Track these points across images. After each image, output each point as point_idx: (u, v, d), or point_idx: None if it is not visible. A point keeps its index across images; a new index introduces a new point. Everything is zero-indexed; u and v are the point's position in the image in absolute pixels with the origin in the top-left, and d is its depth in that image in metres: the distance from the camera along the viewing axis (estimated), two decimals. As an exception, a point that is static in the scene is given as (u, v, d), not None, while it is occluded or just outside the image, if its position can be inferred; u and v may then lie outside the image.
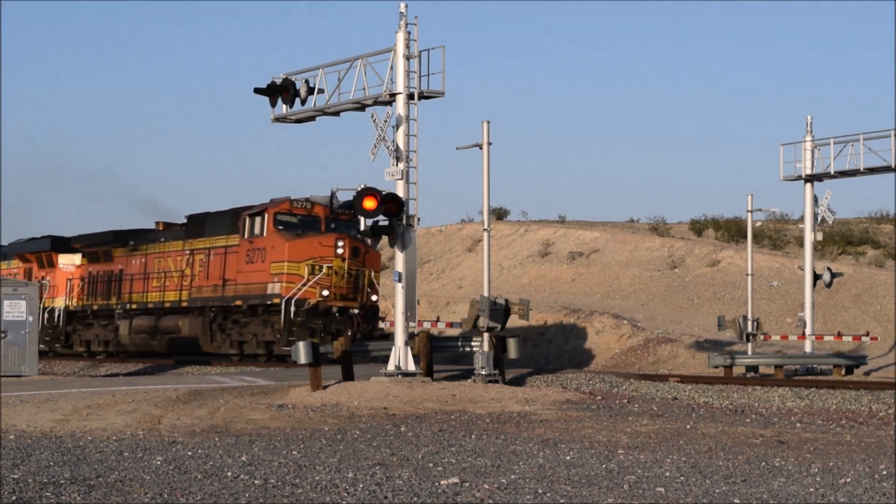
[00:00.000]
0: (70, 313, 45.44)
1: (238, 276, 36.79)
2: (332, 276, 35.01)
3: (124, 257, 43.19)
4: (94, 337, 44.66)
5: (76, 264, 45.90)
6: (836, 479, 12.91)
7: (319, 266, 35.05)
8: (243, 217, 36.97)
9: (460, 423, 19.24)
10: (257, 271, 35.95)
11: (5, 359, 30.31)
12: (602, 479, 12.87)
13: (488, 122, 26.05)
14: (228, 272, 37.37)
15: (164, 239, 41.51)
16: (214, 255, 38.47)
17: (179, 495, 11.66)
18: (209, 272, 38.44)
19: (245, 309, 36.47)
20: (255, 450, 15.57)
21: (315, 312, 34.54)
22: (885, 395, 22.19)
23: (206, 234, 39.18)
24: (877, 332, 38.65)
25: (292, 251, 35.41)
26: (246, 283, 36.39)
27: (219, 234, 38.52)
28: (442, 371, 27.65)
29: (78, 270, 45.78)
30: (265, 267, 35.67)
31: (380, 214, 24.13)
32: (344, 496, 11.67)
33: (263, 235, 36.01)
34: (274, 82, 26.45)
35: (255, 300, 35.95)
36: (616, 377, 26.59)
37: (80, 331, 45.32)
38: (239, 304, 36.60)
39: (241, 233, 36.87)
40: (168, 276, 40.38)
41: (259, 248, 35.97)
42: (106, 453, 15.18)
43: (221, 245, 37.99)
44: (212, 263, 38.41)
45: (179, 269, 39.73)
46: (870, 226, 57.47)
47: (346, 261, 35.30)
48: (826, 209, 34.53)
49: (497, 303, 25.27)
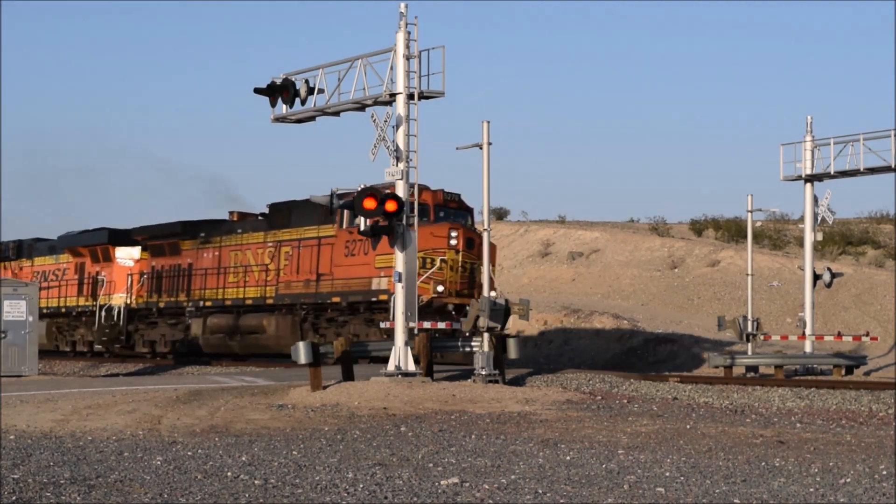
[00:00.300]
0: (131, 311, 42.48)
1: (335, 271, 33.83)
2: (446, 269, 32.06)
3: (194, 250, 40.10)
4: (159, 337, 41.72)
5: (135, 258, 42.70)
6: (836, 479, 12.91)
7: (432, 259, 31.96)
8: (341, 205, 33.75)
9: (460, 423, 19.24)
10: (359, 265, 33.03)
11: (5, 359, 30.31)
12: (602, 479, 12.87)
13: (488, 122, 26.07)
14: (323, 266, 34.32)
15: (242, 230, 38.22)
16: (305, 248, 35.36)
17: (179, 495, 11.66)
18: (299, 266, 35.36)
19: (344, 306, 33.46)
20: (255, 450, 15.57)
21: (428, 310, 31.06)
22: (885, 395, 22.19)
23: (294, 225, 36.03)
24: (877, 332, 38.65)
25: None
26: (345, 277, 33.42)
27: (309, 225, 35.27)
28: (442, 371, 27.65)
29: (137, 265, 42.69)
30: (369, 260, 32.48)
31: (380, 214, 24.13)
32: (344, 496, 11.67)
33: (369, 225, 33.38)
34: (274, 82, 26.45)
35: (358, 296, 32.98)
36: (616, 377, 26.59)
37: (143, 330, 42.33)
38: (337, 300, 33.52)
39: (339, 222, 33.66)
40: (248, 270, 37.38)
41: (361, 240, 31.95)
42: (106, 453, 15.18)
43: (313, 236, 34.79)
44: (302, 256, 35.34)
45: (261, 263, 36.74)
46: (870, 226, 57.48)
47: (460, 253, 32.26)
48: (826, 209, 34.54)
49: (497, 303, 25.27)
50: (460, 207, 33.43)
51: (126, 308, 42.34)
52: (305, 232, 35.31)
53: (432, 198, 32.67)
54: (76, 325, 45.48)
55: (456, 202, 33.44)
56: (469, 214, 33.71)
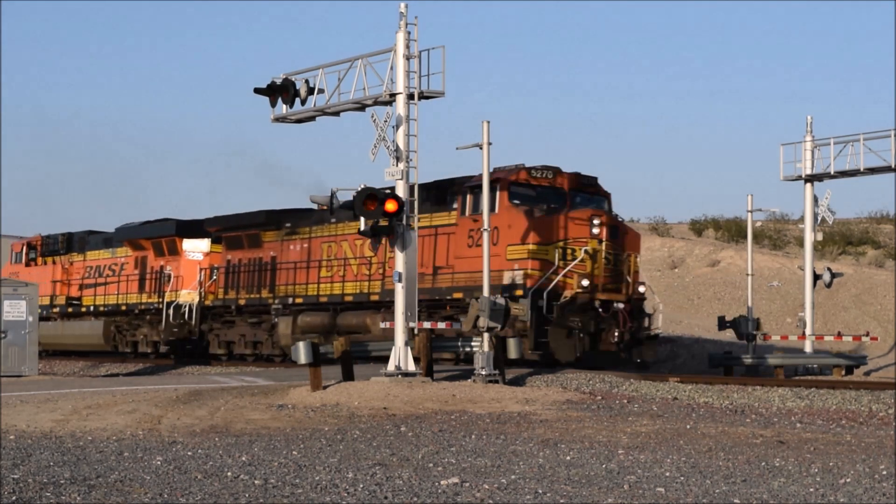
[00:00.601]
0: (204, 309, 38.97)
1: (457, 263, 30.35)
2: (589, 261, 29.12)
3: (278, 242, 36.59)
4: (238, 337, 38.10)
5: (205, 251, 39.52)
6: (836, 479, 12.91)
7: (572, 249, 29.02)
8: (463, 190, 30.55)
9: (460, 423, 19.24)
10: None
11: (5, 359, 30.33)
12: (602, 479, 12.87)
13: (488, 122, 26.03)
14: (440, 258, 30.94)
15: (336, 220, 34.21)
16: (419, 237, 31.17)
17: (179, 495, 11.66)
18: None
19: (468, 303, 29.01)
20: (255, 450, 15.57)
21: (572, 307, 28.61)
22: (885, 395, 22.18)
23: None
24: (877, 332, 38.65)
25: (539, 231, 29.19)
26: (469, 270, 29.74)
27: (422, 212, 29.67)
28: (442, 371, 27.65)
29: (208, 259, 39.36)
30: (499, 251, 29.22)
31: (380, 214, 24.12)
32: (344, 496, 11.67)
33: (495, 211, 29.01)
34: (274, 82, 26.44)
35: None
36: (616, 377, 26.57)
37: (217, 330, 38.64)
38: (459, 296, 30.01)
39: (461, 209, 30.50)
40: (346, 264, 33.92)
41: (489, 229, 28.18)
42: (106, 453, 15.18)
43: (427, 225, 31.00)
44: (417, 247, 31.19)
45: (361, 256, 33.29)
46: (870, 226, 57.48)
47: (603, 242, 29.28)
48: (826, 209, 34.55)
49: (497, 303, 25.27)
50: (597, 192, 30.75)
51: (199, 306, 38.96)
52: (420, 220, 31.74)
53: (568, 181, 30.15)
54: (138, 325, 42.47)
55: (593, 186, 30.74)
56: (606, 200, 30.99)
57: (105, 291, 43.95)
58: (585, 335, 28.75)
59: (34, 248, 48.29)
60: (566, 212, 29.44)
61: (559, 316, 28.43)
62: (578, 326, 28.60)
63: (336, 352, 25.17)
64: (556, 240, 29.14)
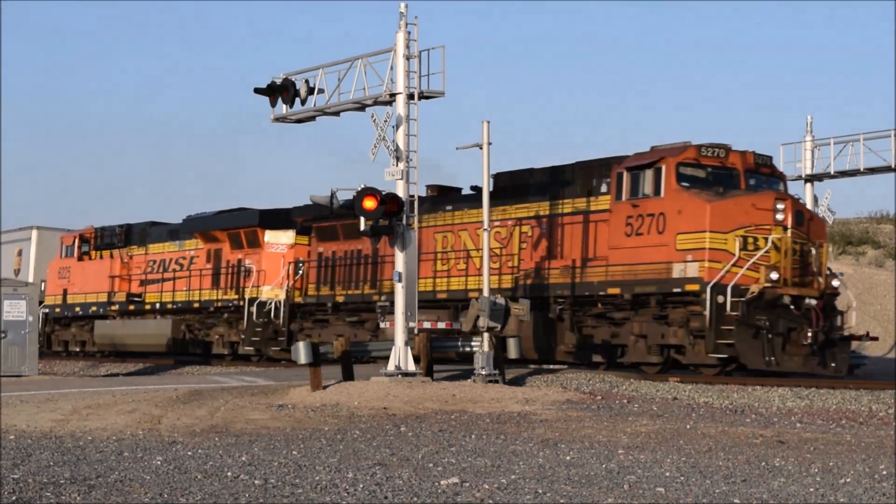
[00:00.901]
0: (293, 307, 35.60)
1: (612, 254, 27.21)
2: (774, 251, 25.89)
3: None
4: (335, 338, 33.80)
5: (290, 243, 36.25)
6: (836, 479, 12.91)
7: (754, 238, 25.89)
8: (617, 171, 27.35)
9: (460, 423, 19.25)
10: (650, 246, 26.41)
11: (5, 359, 30.34)
12: (602, 479, 12.87)
13: (488, 122, 26.02)
14: (590, 248, 27.89)
15: (451, 207, 31.60)
16: (559, 226, 28.75)
17: (179, 495, 11.66)
18: (551, 249, 28.90)
19: (627, 299, 26.94)
20: (255, 450, 15.57)
21: (759, 303, 25.42)
22: (885, 395, 22.18)
23: (535, 198, 29.53)
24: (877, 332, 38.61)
25: (715, 217, 25.82)
26: (628, 262, 26.76)
27: (563, 197, 28.77)
28: (442, 371, 27.64)
29: (292, 251, 36.11)
30: (666, 240, 26.05)
31: (380, 214, 24.13)
32: (344, 496, 11.67)
33: (660, 196, 26.28)
34: (274, 82, 26.46)
35: (650, 286, 26.33)
36: (616, 377, 26.55)
37: (309, 329, 34.90)
38: (615, 291, 27.08)
39: (616, 193, 27.27)
40: (468, 256, 30.78)
41: (653, 214, 26.32)
42: (106, 453, 15.18)
43: (570, 211, 28.31)
44: (554, 237, 28.84)
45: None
46: (870, 226, 57.48)
47: (788, 230, 26.14)
48: (826, 209, 34.50)
49: (497, 303, 25.27)
50: (773, 173, 27.90)
51: (287, 303, 35.48)
52: (558, 206, 28.86)
53: (741, 161, 27.08)
54: (213, 324, 38.95)
55: (768, 166, 27.86)
56: (782, 182, 28.11)
57: (174, 287, 40.61)
58: (774, 336, 25.43)
59: (87, 241, 45.02)
60: (744, 195, 26.31)
61: (745, 314, 25.08)
62: (766, 326, 25.27)
63: (336, 352, 25.18)
64: (734, 227, 25.85)
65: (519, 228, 29.82)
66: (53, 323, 46.95)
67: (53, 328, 47.06)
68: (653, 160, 26.63)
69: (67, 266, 45.73)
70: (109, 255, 43.95)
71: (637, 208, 26.68)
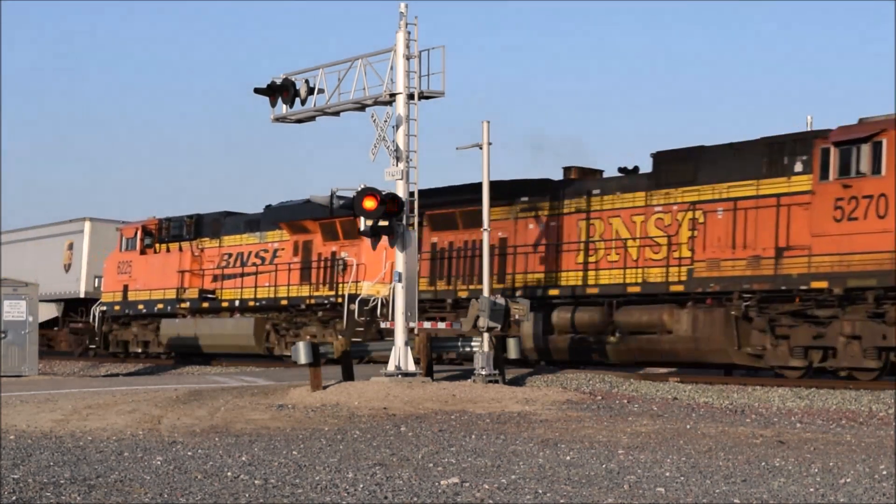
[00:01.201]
0: None
1: (816, 243, 23.95)
2: None
3: (509, 221, 29.93)
4: None
5: None
6: (836, 479, 12.91)
7: None
8: (822, 147, 24.12)
9: (460, 423, 19.25)
10: (868, 233, 23.06)
11: (5, 359, 30.36)
12: (602, 479, 12.87)
13: (488, 122, 26.00)
14: (785, 237, 24.64)
15: (598, 190, 28.39)
16: (744, 210, 25.49)
17: (179, 495, 11.66)
18: (734, 238, 25.55)
19: (836, 295, 23.60)
20: (255, 450, 15.57)
21: None
22: (885, 395, 22.17)
23: (706, 179, 26.21)
24: None
25: None
26: (838, 252, 23.53)
27: (742, 178, 25.64)
28: (442, 371, 27.64)
29: None
30: (889, 225, 22.79)
31: (380, 214, 24.12)
32: (344, 496, 11.67)
33: (880, 174, 23.06)
34: (274, 82, 26.46)
35: (869, 279, 23.06)
36: (616, 377, 26.54)
37: None
38: (821, 285, 23.81)
39: (820, 172, 24.02)
40: (624, 246, 27.52)
41: (870, 196, 23.18)
42: (106, 453, 15.19)
43: (755, 194, 25.27)
44: (738, 223, 25.51)
45: (644, 236, 27.14)
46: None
47: None
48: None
49: (497, 303, 25.26)
50: None
51: None
52: (738, 189, 25.68)
53: None
54: (303, 323, 35.42)
55: None
56: None
57: (255, 283, 36.81)
58: None
59: (151, 234, 41.34)
60: None
61: None
62: None
63: (336, 352, 25.18)
64: None
65: (688, 214, 26.39)
66: (111, 322, 42.86)
67: (111, 327, 42.90)
68: (870, 133, 23.40)
69: (128, 260, 41.87)
70: (178, 247, 40.22)
71: (849, 189, 23.39)
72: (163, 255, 40.82)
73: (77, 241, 46.83)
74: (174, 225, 40.53)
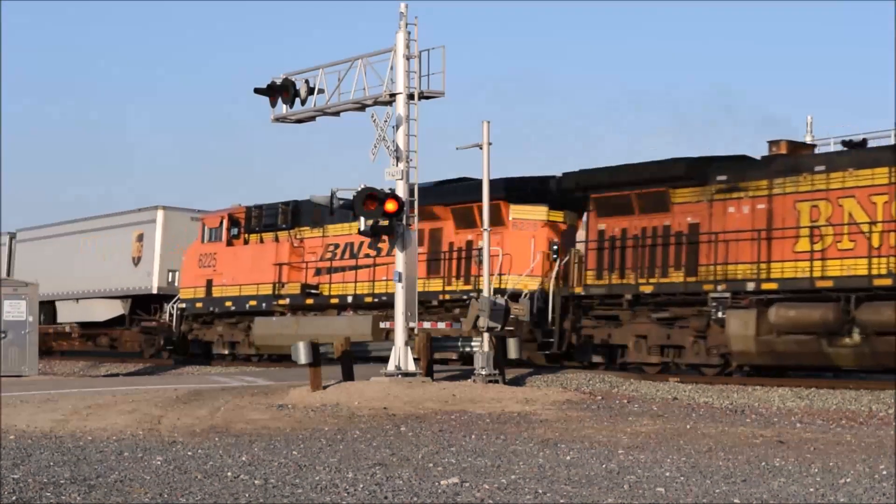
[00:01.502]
0: (566, 300, 28.19)
1: None
2: None
3: (703, 203, 25.99)
4: (632, 339, 27.24)
5: (542, 220, 29.50)
6: (836, 479, 12.91)
7: None
8: None
9: (460, 423, 19.25)
10: None
11: (5, 359, 30.37)
12: (602, 479, 12.87)
13: (488, 122, 25.98)
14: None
15: (823, 167, 24.51)
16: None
17: (179, 495, 11.66)
18: None
19: None
20: (255, 450, 15.57)
21: None
22: (885, 395, 22.17)
23: None
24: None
25: None
26: None
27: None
28: (442, 371, 27.63)
29: (545, 230, 29.35)
30: None
31: (380, 214, 24.12)
32: (344, 496, 11.67)
33: None
34: (274, 82, 26.45)
35: None
36: (616, 377, 26.53)
37: (590, 329, 28.04)
38: None
39: None
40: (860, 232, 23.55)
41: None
42: (106, 453, 15.19)
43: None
44: None
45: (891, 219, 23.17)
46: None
47: None
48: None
49: (497, 303, 25.25)
50: None
51: (560, 295, 28.25)
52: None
53: None
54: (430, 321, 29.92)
55: None
56: None
57: (372, 277, 32.82)
58: None
59: (238, 223, 37.60)
60: None
61: None
62: None
63: (336, 352, 25.18)
64: None
65: None
66: (192, 320, 39.17)
67: (191, 326, 39.27)
68: None
69: (212, 252, 38.03)
70: (273, 237, 36.38)
71: None
72: (254, 246, 37.06)
73: (148, 232, 42.75)
74: (267, 213, 36.66)
